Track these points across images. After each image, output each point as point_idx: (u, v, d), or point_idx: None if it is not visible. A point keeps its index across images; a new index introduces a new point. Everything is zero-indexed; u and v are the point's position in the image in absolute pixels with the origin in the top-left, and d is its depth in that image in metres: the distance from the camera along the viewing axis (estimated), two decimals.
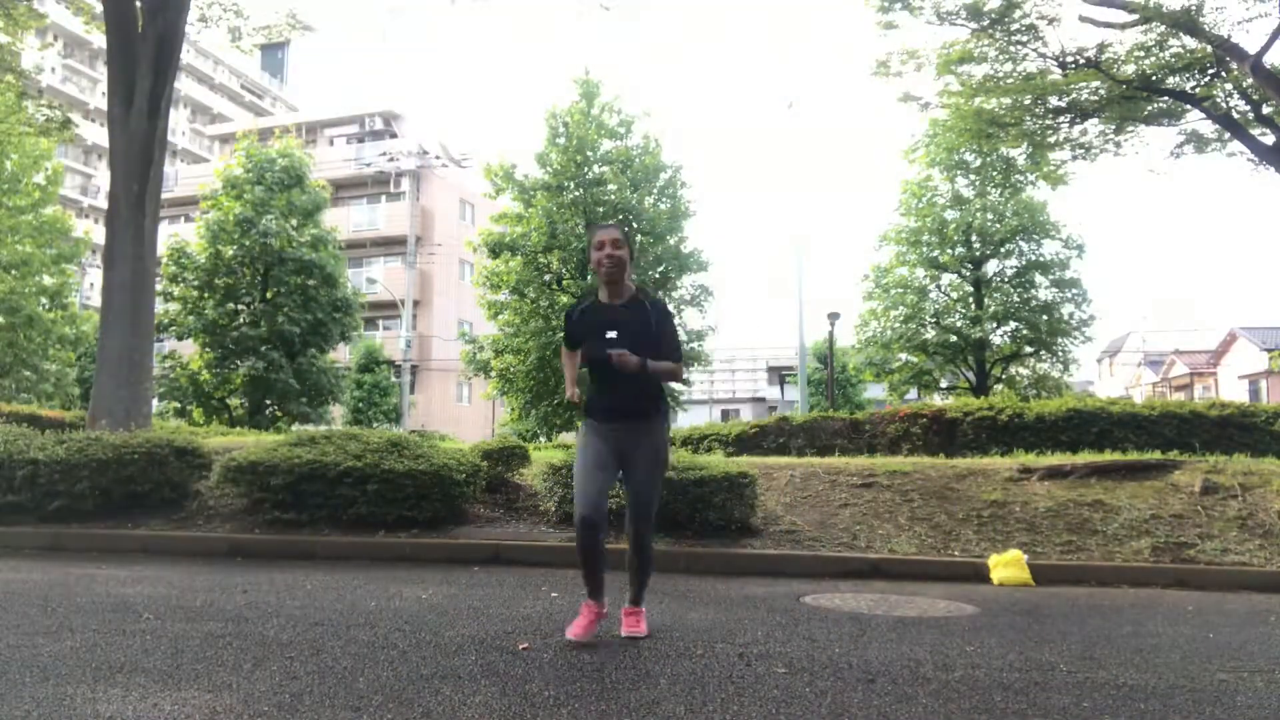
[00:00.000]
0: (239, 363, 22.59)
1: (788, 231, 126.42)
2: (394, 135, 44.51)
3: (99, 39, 13.08)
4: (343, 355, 31.08)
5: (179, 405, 23.20)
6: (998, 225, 24.26)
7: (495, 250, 22.32)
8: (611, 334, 3.92)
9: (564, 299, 22.20)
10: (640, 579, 4.20)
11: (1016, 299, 24.68)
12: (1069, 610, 5.26)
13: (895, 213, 25.96)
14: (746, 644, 4.05)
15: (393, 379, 34.81)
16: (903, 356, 25.61)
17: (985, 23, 12.53)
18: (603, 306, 4.08)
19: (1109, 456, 8.35)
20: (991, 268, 25.29)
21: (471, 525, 7.55)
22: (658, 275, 22.16)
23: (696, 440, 11.40)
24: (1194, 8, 11.74)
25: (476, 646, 3.88)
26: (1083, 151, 14.70)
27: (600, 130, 22.47)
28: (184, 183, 41.38)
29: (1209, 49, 11.97)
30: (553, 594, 5.36)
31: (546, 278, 22.28)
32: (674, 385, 23.24)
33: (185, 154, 61.64)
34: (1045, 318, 24.35)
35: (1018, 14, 12.43)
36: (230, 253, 23.14)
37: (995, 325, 24.74)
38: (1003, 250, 24.87)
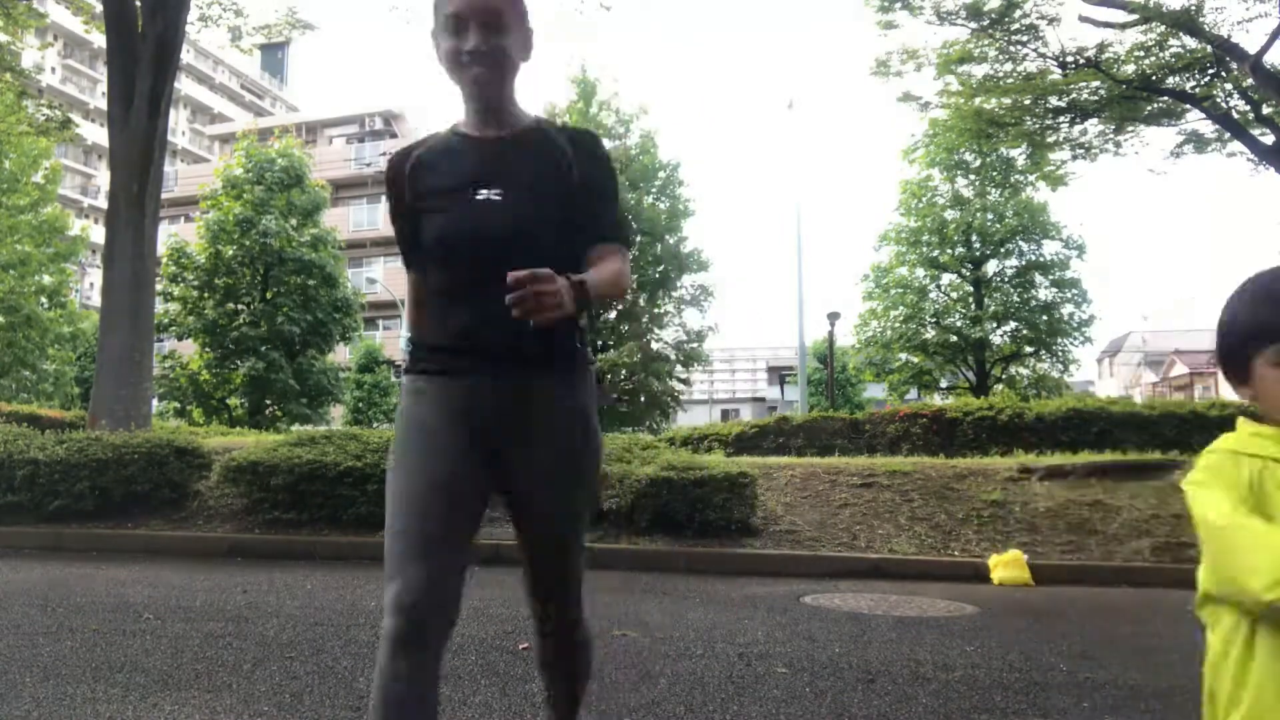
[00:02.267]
0: (239, 363, 22.58)
1: (786, 230, 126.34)
2: (394, 135, 44.51)
3: (99, 39, 13.07)
4: (343, 355, 31.05)
5: (179, 405, 23.18)
6: (998, 225, 24.27)
7: None
8: (486, 192, 1.78)
9: None
10: (569, 687, 2.07)
11: (1016, 299, 24.71)
12: (1069, 610, 5.26)
13: (895, 212, 25.98)
14: (746, 644, 4.05)
15: (393, 379, 34.80)
16: (903, 356, 25.61)
17: (985, 23, 12.53)
18: (471, 142, 1.87)
19: (1109, 456, 8.33)
20: (991, 268, 25.31)
21: None
22: (657, 275, 22.14)
23: (696, 440, 11.37)
24: (1194, 8, 11.75)
25: (476, 646, 3.88)
26: (1083, 151, 14.72)
27: (598, 130, 22.45)
28: (184, 183, 41.36)
29: (1209, 49, 11.97)
30: None
31: None
32: (674, 384, 23.10)
33: (185, 154, 61.63)
34: (1045, 318, 24.38)
35: (1018, 14, 12.44)
36: (230, 253, 23.11)
37: (995, 325, 24.76)
38: (1003, 250, 24.88)
